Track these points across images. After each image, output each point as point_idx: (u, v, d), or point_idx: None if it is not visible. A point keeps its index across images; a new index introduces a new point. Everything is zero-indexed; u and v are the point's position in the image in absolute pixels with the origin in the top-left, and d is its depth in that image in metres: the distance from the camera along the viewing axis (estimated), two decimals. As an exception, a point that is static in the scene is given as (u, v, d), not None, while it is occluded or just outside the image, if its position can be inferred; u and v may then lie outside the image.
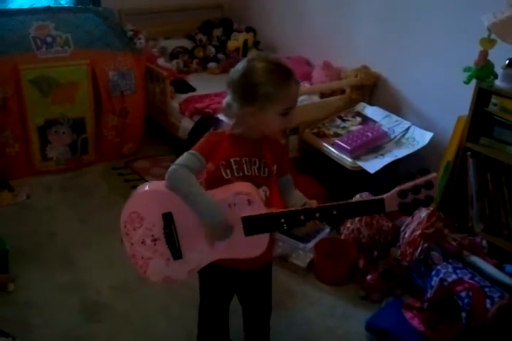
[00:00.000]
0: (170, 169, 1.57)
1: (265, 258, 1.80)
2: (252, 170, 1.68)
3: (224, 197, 1.57)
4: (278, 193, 1.74)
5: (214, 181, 1.63)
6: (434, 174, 1.53)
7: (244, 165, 1.67)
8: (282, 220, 1.56)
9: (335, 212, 1.56)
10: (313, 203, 1.64)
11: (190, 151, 1.62)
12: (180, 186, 1.56)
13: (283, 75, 1.61)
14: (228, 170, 1.64)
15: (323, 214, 1.56)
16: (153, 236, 1.63)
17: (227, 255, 1.65)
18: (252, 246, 1.63)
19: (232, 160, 1.65)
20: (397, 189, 1.53)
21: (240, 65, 1.63)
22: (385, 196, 1.54)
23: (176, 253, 1.64)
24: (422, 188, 1.51)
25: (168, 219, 1.61)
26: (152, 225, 1.62)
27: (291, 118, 1.66)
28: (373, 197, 1.57)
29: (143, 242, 1.64)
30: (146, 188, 1.65)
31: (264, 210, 1.57)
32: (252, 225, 1.58)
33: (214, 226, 1.54)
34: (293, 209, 1.60)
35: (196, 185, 1.56)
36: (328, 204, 1.58)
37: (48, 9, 3.37)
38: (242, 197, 1.56)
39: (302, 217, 1.56)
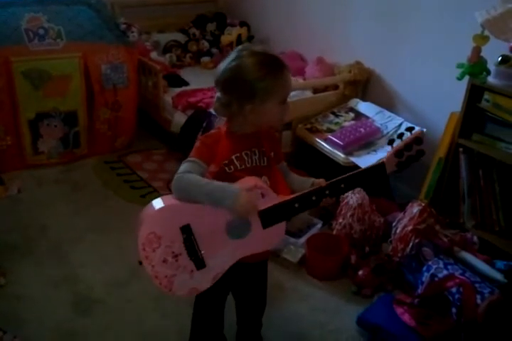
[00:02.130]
0: (174, 180, 1.56)
1: (270, 250, 1.81)
2: (253, 160, 1.68)
3: None
4: (281, 179, 1.75)
5: (217, 178, 1.61)
6: (419, 129, 1.71)
7: (246, 158, 1.67)
8: (296, 205, 1.60)
9: (343, 186, 1.62)
10: (322, 181, 1.67)
11: (190, 159, 1.60)
12: (189, 189, 1.54)
13: (275, 65, 1.61)
14: (232, 166, 1.64)
15: (332, 190, 1.62)
16: (173, 252, 1.59)
17: (249, 251, 1.66)
18: (271, 237, 1.65)
19: (233, 157, 1.65)
20: (392, 150, 1.64)
21: (230, 64, 1.60)
22: (384, 159, 1.64)
23: (200, 264, 1.62)
24: (413, 144, 1.64)
25: (187, 231, 1.58)
26: (171, 242, 1.58)
27: (288, 105, 1.67)
28: (374, 163, 1.66)
29: (164, 261, 1.60)
30: (157, 207, 1.60)
31: (277, 200, 1.58)
32: (269, 217, 1.59)
33: (238, 203, 1.50)
34: (304, 191, 1.62)
35: (203, 180, 1.54)
36: (334, 179, 1.63)
37: (40, 1, 3.32)
38: (255, 191, 1.56)
39: (314, 198, 1.61)
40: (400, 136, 1.66)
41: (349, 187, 1.65)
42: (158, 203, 1.61)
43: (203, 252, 1.61)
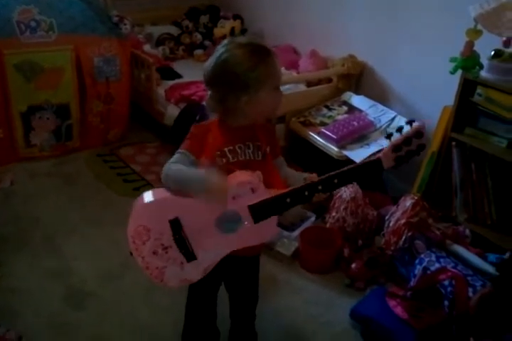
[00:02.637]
0: (163, 169, 1.58)
1: (263, 244, 1.81)
2: (246, 154, 1.68)
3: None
4: (277, 175, 1.75)
5: None
6: (421, 123, 1.61)
7: (239, 151, 1.67)
8: (288, 200, 1.58)
9: (336, 181, 1.60)
10: (314, 177, 1.65)
11: (179, 150, 1.61)
12: (171, 176, 1.56)
13: (264, 53, 1.61)
14: (224, 158, 1.64)
15: (325, 186, 1.60)
16: (163, 244, 1.61)
17: (240, 245, 1.65)
18: (262, 232, 1.64)
19: (226, 149, 1.65)
20: (390, 145, 1.59)
21: (218, 60, 1.60)
22: (381, 154, 1.59)
23: (190, 256, 1.63)
24: (413, 138, 1.58)
25: (176, 224, 1.59)
26: (160, 234, 1.60)
27: (281, 92, 1.68)
28: (370, 159, 1.62)
29: (154, 253, 1.61)
30: (147, 200, 1.61)
31: (267, 194, 1.58)
32: (260, 212, 1.59)
33: (206, 191, 1.51)
34: (295, 186, 1.61)
35: (183, 168, 1.56)
36: (327, 175, 1.61)
37: (32, -7, 3.31)
38: (245, 186, 1.56)
39: (306, 193, 1.59)
40: (400, 129, 1.60)
41: (342, 182, 1.63)
42: (147, 196, 1.62)
43: (193, 245, 1.62)
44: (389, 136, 1.61)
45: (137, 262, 1.64)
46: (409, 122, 1.61)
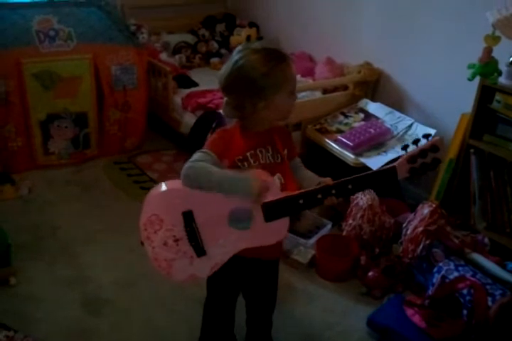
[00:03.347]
0: (184, 168, 1.55)
1: (281, 249, 1.80)
2: (267, 157, 1.69)
3: None
4: (292, 177, 1.75)
5: None
6: (438, 137, 1.62)
7: (260, 155, 1.67)
8: (301, 201, 1.58)
9: (350, 186, 1.60)
10: (328, 180, 1.65)
11: (202, 150, 1.60)
12: (199, 177, 1.52)
13: (279, 58, 1.61)
14: (246, 163, 1.64)
15: (339, 190, 1.60)
16: (174, 236, 1.61)
17: (250, 244, 1.65)
18: (273, 232, 1.64)
19: (248, 154, 1.65)
20: (405, 156, 1.59)
21: (234, 66, 1.60)
22: (396, 164, 1.59)
23: (200, 251, 1.63)
24: (429, 151, 1.58)
25: (188, 217, 1.60)
26: (173, 225, 1.61)
27: (296, 96, 1.68)
28: (385, 167, 1.62)
29: (165, 244, 1.62)
30: (163, 189, 1.63)
31: (281, 195, 1.58)
32: (272, 210, 1.58)
33: (252, 191, 1.49)
34: (309, 188, 1.61)
35: (213, 168, 1.52)
36: (342, 179, 1.61)
37: (50, 3, 3.35)
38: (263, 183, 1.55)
39: (319, 196, 1.59)
40: (416, 142, 1.61)
41: (357, 188, 1.62)
42: (164, 186, 1.64)
43: (203, 239, 1.62)
44: (405, 147, 1.62)
45: (147, 252, 1.64)
46: (426, 136, 1.61)
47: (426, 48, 3.01)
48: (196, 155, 1.58)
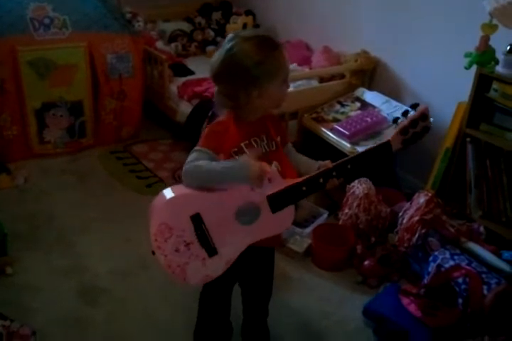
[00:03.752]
0: (183, 169, 1.55)
1: (280, 236, 1.82)
2: (262, 146, 1.69)
3: None
4: (289, 163, 1.75)
5: None
6: (424, 105, 1.69)
7: (255, 145, 1.67)
8: (304, 188, 1.60)
9: (349, 166, 1.63)
10: (328, 163, 1.67)
11: (197, 148, 1.58)
12: (201, 174, 1.53)
13: (272, 45, 1.60)
14: (242, 154, 1.62)
15: (339, 171, 1.63)
16: (185, 241, 1.60)
17: (260, 236, 1.66)
18: (281, 220, 1.65)
19: (242, 144, 1.64)
20: (397, 128, 1.64)
21: (226, 55, 1.59)
22: (389, 137, 1.64)
23: (212, 251, 1.63)
24: (419, 120, 1.64)
25: (197, 220, 1.58)
26: (182, 231, 1.59)
27: (289, 83, 1.69)
28: (380, 142, 1.67)
29: (177, 250, 1.60)
30: (167, 197, 1.60)
31: (284, 184, 1.59)
32: (277, 201, 1.60)
33: (250, 173, 1.50)
34: (311, 174, 1.63)
35: (212, 163, 1.53)
36: (340, 160, 1.64)
37: (45, -10, 3.33)
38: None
39: (321, 180, 1.62)
40: (405, 113, 1.67)
41: (356, 167, 1.65)
42: (167, 194, 1.60)
43: (214, 239, 1.61)
44: (395, 120, 1.66)
45: (159, 261, 1.62)
46: (414, 106, 1.68)
47: (423, 37, 3.00)
48: (192, 155, 1.57)
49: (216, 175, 1.52)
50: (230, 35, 1.64)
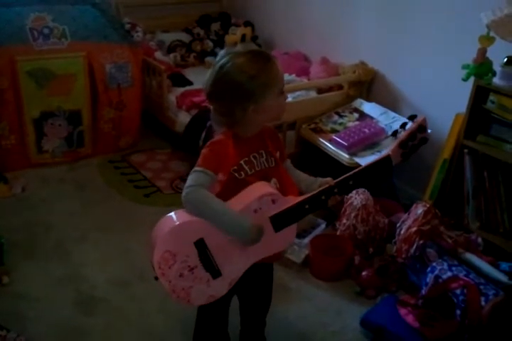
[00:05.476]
0: (184, 193, 1.53)
1: (282, 253, 1.84)
2: (261, 163, 1.68)
3: (247, 203, 1.57)
4: (289, 179, 1.75)
5: (228, 186, 1.62)
6: (422, 116, 1.70)
7: (254, 162, 1.66)
8: (306, 206, 1.60)
9: (351, 182, 1.63)
10: (330, 180, 1.67)
11: (197, 169, 1.57)
12: (201, 210, 1.54)
13: (264, 59, 1.60)
14: (242, 172, 1.63)
15: (341, 188, 1.63)
16: (189, 266, 1.58)
17: (264, 255, 1.66)
18: (283, 239, 1.66)
19: (242, 162, 1.64)
20: (396, 142, 1.65)
21: (219, 73, 1.58)
22: (389, 151, 1.64)
23: (215, 273, 1.62)
24: (417, 133, 1.64)
25: (201, 245, 1.58)
26: (186, 256, 1.57)
27: (286, 94, 1.68)
28: (379, 157, 1.67)
29: (181, 275, 1.59)
30: (170, 226, 1.58)
31: (287, 203, 1.59)
32: (280, 221, 1.60)
33: (247, 237, 1.54)
34: (313, 193, 1.63)
35: (215, 204, 1.54)
36: (342, 177, 1.64)
37: (45, 0, 3.33)
38: (266, 199, 1.57)
39: (323, 197, 1.62)
40: (403, 125, 1.67)
41: (357, 183, 1.65)
42: (170, 221, 1.59)
43: (218, 262, 1.61)
44: (395, 133, 1.66)
45: (163, 286, 1.60)
46: (411, 117, 1.67)
47: (421, 49, 3.02)
48: (192, 178, 1.56)
49: (216, 221, 1.54)
50: (221, 52, 1.64)
